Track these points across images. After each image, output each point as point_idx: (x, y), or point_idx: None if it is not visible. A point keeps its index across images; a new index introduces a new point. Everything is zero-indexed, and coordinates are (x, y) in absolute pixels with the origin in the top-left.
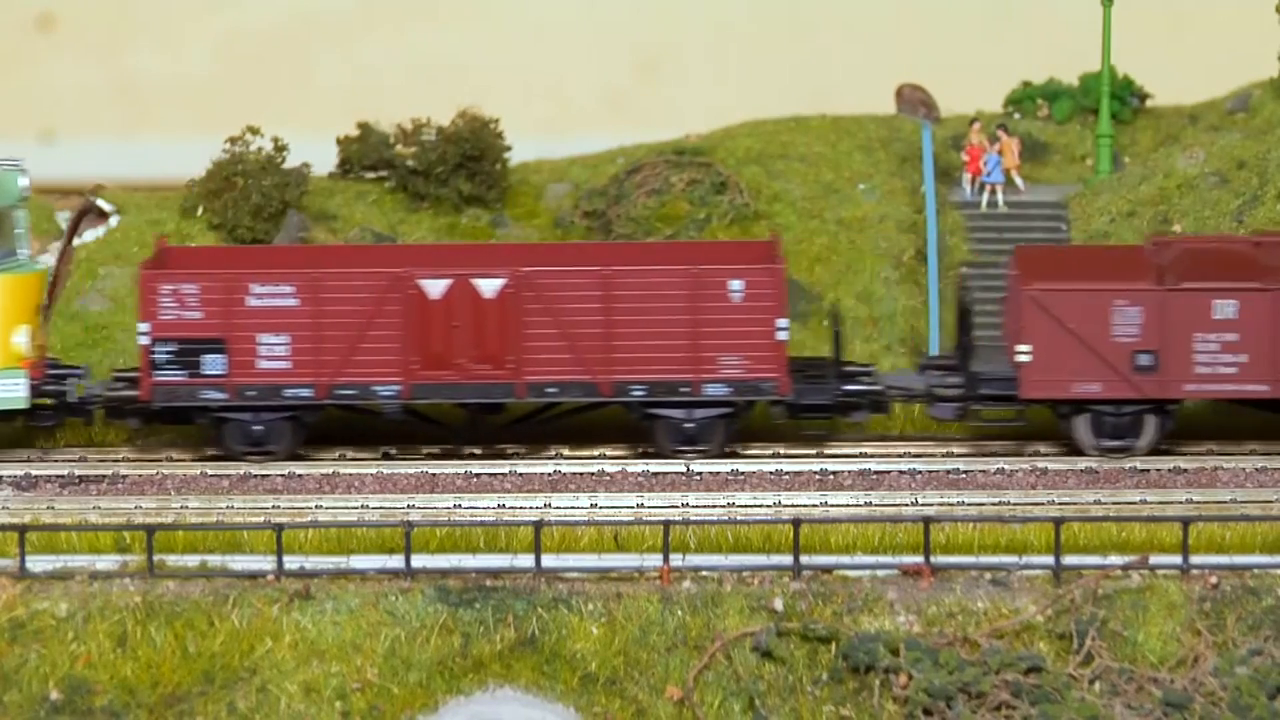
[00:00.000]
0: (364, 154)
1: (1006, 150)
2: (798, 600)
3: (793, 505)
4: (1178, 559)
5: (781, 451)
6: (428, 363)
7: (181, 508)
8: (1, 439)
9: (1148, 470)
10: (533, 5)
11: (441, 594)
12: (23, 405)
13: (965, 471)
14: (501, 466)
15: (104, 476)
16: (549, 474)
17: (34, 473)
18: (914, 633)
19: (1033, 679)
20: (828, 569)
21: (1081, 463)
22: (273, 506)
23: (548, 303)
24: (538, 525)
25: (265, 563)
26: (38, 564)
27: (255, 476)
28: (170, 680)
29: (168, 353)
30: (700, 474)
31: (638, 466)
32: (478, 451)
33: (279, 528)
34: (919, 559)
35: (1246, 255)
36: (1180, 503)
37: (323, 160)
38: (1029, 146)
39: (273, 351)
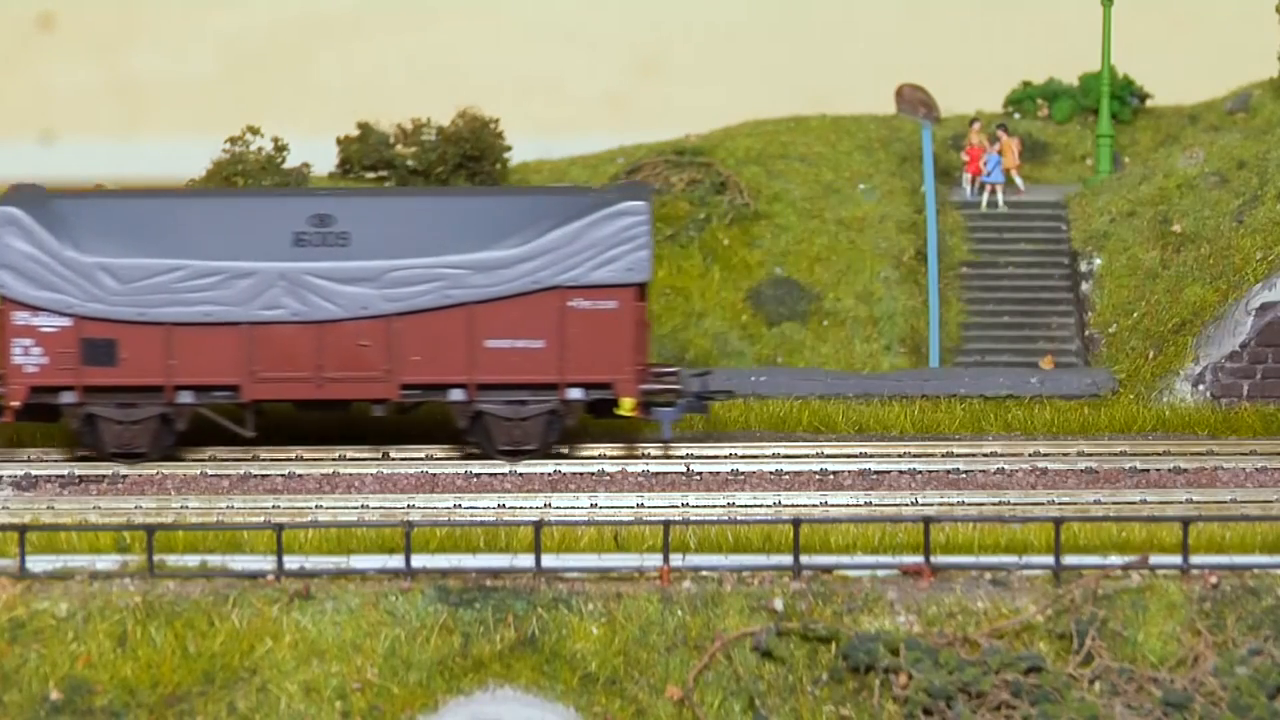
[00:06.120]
0: (364, 154)
1: (1006, 150)
2: (798, 600)
3: (793, 505)
4: (1178, 559)
5: (781, 451)
6: None
7: (181, 508)
8: (1, 438)
9: (1148, 470)
10: (533, 5)
11: (441, 594)
12: None
13: (965, 471)
14: (501, 466)
15: (104, 476)
16: (549, 474)
17: (34, 473)
18: (914, 633)
19: (1033, 679)
20: (828, 569)
21: (1081, 463)
22: (273, 506)
23: None
24: (538, 525)
25: (265, 563)
26: (38, 564)
27: (255, 476)
28: (170, 680)
29: None
30: (700, 474)
31: (638, 466)
32: (477, 451)
33: (279, 528)
34: (919, 559)
35: None
36: (1180, 503)
37: (323, 160)
38: (1029, 146)
39: None
